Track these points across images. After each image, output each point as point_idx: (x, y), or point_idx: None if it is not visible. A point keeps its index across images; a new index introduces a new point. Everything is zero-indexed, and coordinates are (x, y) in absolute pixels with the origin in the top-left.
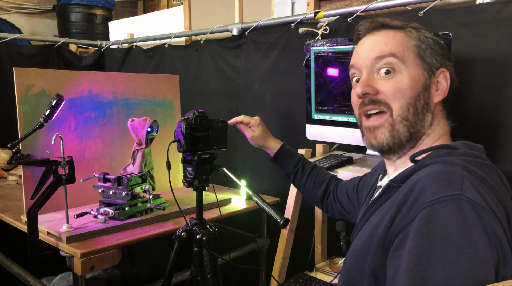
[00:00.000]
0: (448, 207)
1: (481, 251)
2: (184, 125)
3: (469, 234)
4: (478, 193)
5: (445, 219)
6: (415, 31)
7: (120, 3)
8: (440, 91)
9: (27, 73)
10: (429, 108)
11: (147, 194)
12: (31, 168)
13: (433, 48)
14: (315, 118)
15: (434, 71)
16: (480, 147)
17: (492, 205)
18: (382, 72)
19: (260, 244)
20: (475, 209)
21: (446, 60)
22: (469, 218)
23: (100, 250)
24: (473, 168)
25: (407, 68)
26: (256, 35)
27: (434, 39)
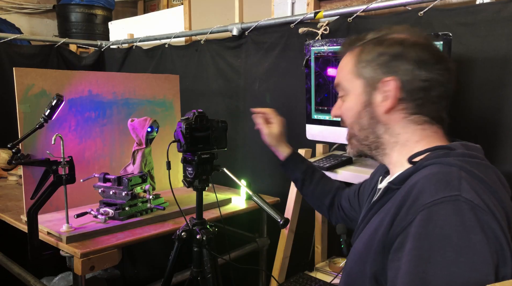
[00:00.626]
0: (446, 208)
1: (480, 252)
2: (184, 125)
3: (467, 235)
4: (476, 193)
5: (443, 220)
6: (359, 50)
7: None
8: (387, 102)
9: (27, 73)
10: (378, 121)
11: (147, 194)
12: (31, 168)
13: (375, 60)
14: (315, 118)
15: (376, 84)
16: (478, 147)
17: (490, 205)
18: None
19: (260, 244)
20: (473, 209)
21: (401, 66)
22: (467, 219)
23: (100, 250)
24: (470, 168)
25: (349, 92)
26: (256, 35)
27: (379, 53)
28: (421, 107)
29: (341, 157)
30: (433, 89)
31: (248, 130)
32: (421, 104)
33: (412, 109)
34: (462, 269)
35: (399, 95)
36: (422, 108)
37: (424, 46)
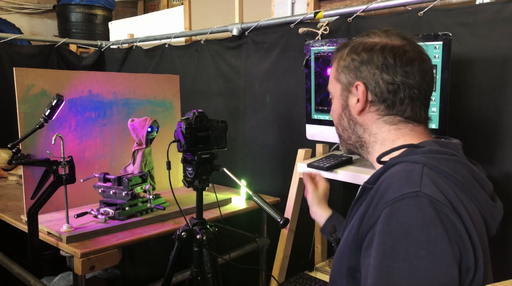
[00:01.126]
0: (407, 204)
1: (440, 245)
2: (184, 125)
3: (427, 229)
4: (437, 188)
5: (404, 216)
6: (338, 57)
7: (120, 3)
8: (358, 104)
9: (27, 73)
10: (356, 122)
11: (147, 193)
12: (31, 168)
13: (348, 66)
14: (315, 118)
15: (350, 88)
16: (455, 143)
17: (453, 198)
18: None
19: (260, 244)
20: (432, 204)
21: (367, 71)
22: (426, 214)
23: (100, 250)
24: (436, 164)
25: (333, 95)
26: (256, 35)
27: (351, 59)
28: (391, 108)
29: (341, 157)
30: (400, 91)
31: (248, 130)
32: (391, 105)
33: (383, 111)
34: (423, 262)
35: (369, 97)
36: (392, 109)
37: (395, 50)
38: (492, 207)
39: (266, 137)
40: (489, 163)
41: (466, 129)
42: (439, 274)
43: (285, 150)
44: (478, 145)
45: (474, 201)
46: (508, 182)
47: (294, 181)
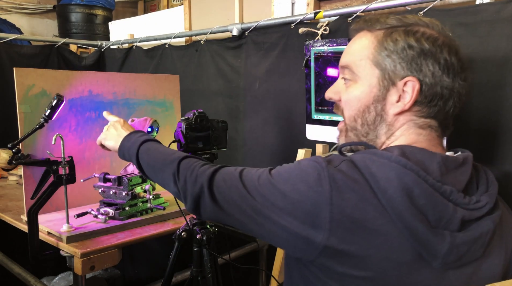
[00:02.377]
0: (304, 161)
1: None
2: (184, 125)
3: (307, 172)
4: (349, 172)
5: (299, 163)
6: (383, 35)
7: (120, 3)
8: (401, 103)
9: (27, 73)
10: (384, 119)
11: (147, 193)
12: (31, 168)
13: (402, 53)
14: (315, 118)
15: (395, 80)
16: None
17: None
18: (344, 80)
19: (260, 244)
20: (327, 169)
21: (428, 66)
22: (311, 168)
23: (100, 250)
24: (367, 164)
25: (361, 79)
26: (256, 35)
27: (408, 44)
28: (433, 113)
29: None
30: (451, 99)
31: (248, 130)
32: (436, 111)
33: (423, 114)
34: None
35: (417, 98)
36: (433, 113)
37: (455, 49)
38: (428, 232)
39: (266, 137)
40: (489, 163)
41: (466, 130)
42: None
43: (285, 150)
44: (478, 145)
45: (392, 216)
46: (508, 182)
47: None
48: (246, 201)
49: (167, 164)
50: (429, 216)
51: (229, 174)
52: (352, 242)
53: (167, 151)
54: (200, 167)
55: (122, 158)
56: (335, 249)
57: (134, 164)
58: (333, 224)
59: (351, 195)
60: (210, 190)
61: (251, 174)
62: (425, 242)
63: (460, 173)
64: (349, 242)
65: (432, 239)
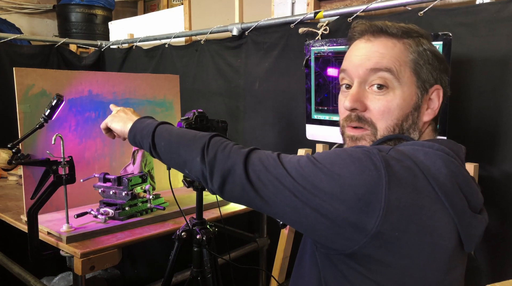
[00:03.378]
0: (351, 149)
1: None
2: (184, 125)
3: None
4: (402, 159)
5: (345, 150)
6: (415, 43)
7: (120, 3)
8: (430, 110)
9: (27, 73)
10: (417, 127)
11: (147, 194)
12: (31, 168)
13: (431, 63)
14: (315, 118)
15: (428, 88)
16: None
17: (394, 164)
18: (375, 87)
19: (260, 244)
20: (366, 151)
21: (443, 74)
22: (357, 150)
23: (100, 250)
24: (414, 154)
25: (401, 86)
26: (256, 35)
27: (432, 52)
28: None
29: None
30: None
31: (248, 130)
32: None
33: (436, 118)
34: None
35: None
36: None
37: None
38: (469, 217)
39: (266, 137)
40: (489, 163)
41: (466, 129)
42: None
43: (285, 150)
44: (478, 145)
45: (444, 201)
46: (508, 182)
47: None
48: (285, 182)
49: (196, 139)
50: (471, 201)
51: (265, 154)
52: (406, 229)
53: (193, 131)
54: (234, 145)
55: (131, 140)
56: (388, 236)
57: (143, 146)
58: (389, 209)
59: (407, 181)
60: (246, 168)
61: (289, 156)
62: (468, 227)
63: None
64: (404, 229)
65: (474, 223)
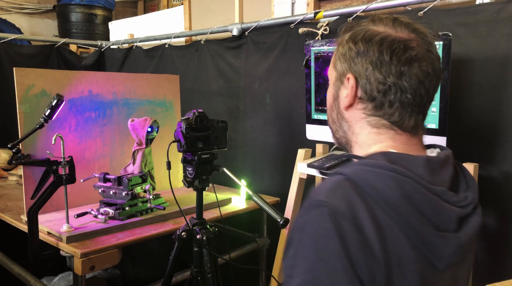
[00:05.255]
0: (313, 214)
1: (338, 259)
2: (184, 125)
3: (326, 241)
4: (346, 201)
5: (310, 226)
6: (340, 41)
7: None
8: (346, 98)
9: (28, 73)
10: (342, 116)
11: (147, 193)
12: (31, 168)
13: (345, 55)
14: (315, 118)
15: (342, 79)
16: (421, 158)
17: (363, 217)
18: None
19: (260, 244)
20: (333, 216)
21: (360, 64)
22: (324, 226)
23: (100, 250)
24: (363, 177)
25: (329, 83)
26: (256, 35)
27: (348, 47)
28: (379, 110)
29: (341, 157)
30: (390, 93)
31: (248, 130)
32: (379, 106)
33: (370, 111)
34: (323, 273)
35: (358, 93)
36: (379, 110)
37: (395, 44)
38: (433, 236)
39: (266, 137)
40: (489, 163)
41: (466, 129)
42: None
43: (285, 149)
44: (478, 145)
45: (401, 224)
46: (508, 182)
47: (294, 181)
48: None
49: None
50: (433, 220)
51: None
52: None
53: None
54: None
55: None
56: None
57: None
58: (356, 270)
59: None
60: None
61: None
62: (432, 247)
63: (443, 172)
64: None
65: (439, 242)
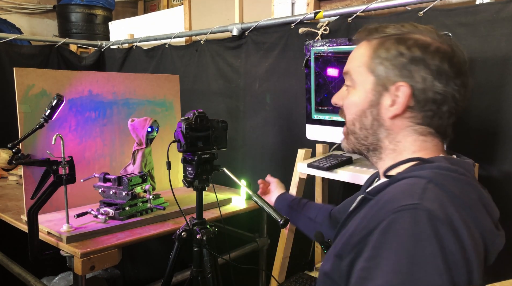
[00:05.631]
0: (405, 217)
1: (434, 263)
2: (184, 125)
3: (422, 245)
4: (439, 204)
5: (401, 228)
6: (377, 43)
7: (120, 3)
8: (395, 107)
9: (28, 73)
10: (381, 124)
11: (147, 193)
12: (31, 167)
13: (393, 60)
14: (315, 118)
15: (388, 86)
16: (467, 162)
17: (456, 219)
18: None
19: (260, 244)
20: (431, 220)
21: (418, 72)
22: (423, 228)
23: (100, 250)
24: (441, 181)
25: (358, 85)
26: (256, 35)
27: (399, 52)
28: (430, 119)
29: (341, 157)
30: (445, 104)
31: (248, 130)
32: (431, 116)
33: (419, 120)
34: (414, 278)
35: (409, 103)
36: (430, 120)
37: (448, 55)
38: (495, 236)
39: (266, 137)
40: (489, 163)
41: (466, 129)
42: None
43: (285, 149)
44: (478, 145)
45: (478, 226)
46: (508, 182)
47: (294, 181)
48: None
49: None
50: (494, 220)
51: None
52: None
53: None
54: None
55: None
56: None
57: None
58: (452, 275)
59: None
60: None
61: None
62: (494, 245)
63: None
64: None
65: (497, 241)
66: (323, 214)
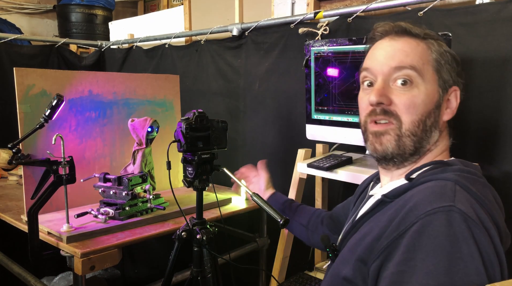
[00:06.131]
0: (440, 219)
1: (473, 264)
2: (184, 125)
3: (460, 245)
4: (470, 206)
5: (437, 230)
6: (437, 44)
7: (120, 3)
8: (449, 110)
9: (28, 73)
10: (437, 126)
11: (148, 193)
12: (31, 167)
13: (450, 64)
14: (315, 118)
15: (447, 88)
16: (476, 165)
17: (485, 220)
18: (399, 83)
19: (260, 244)
20: (466, 221)
21: (459, 78)
22: (460, 229)
23: (100, 249)
24: (466, 183)
25: (424, 83)
26: (256, 35)
27: (452, 54)
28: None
29: (341, 157)
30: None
31: (248, 130)
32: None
33: (451, 121)
34: (455, 279)
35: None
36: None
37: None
38: (507, 235)
39: (266, 137)
40: (489, 163)
41: (465, 130)
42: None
43: (285, 149)
44: (478, 145)
45: (496, 225)
46: (508, 182)
47: (294, 181)
48: None
49: None
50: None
51: None
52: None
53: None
54: None
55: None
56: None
57: None
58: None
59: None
60: None
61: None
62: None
63: None
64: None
65: (506, 239)
66: (315, 221)
